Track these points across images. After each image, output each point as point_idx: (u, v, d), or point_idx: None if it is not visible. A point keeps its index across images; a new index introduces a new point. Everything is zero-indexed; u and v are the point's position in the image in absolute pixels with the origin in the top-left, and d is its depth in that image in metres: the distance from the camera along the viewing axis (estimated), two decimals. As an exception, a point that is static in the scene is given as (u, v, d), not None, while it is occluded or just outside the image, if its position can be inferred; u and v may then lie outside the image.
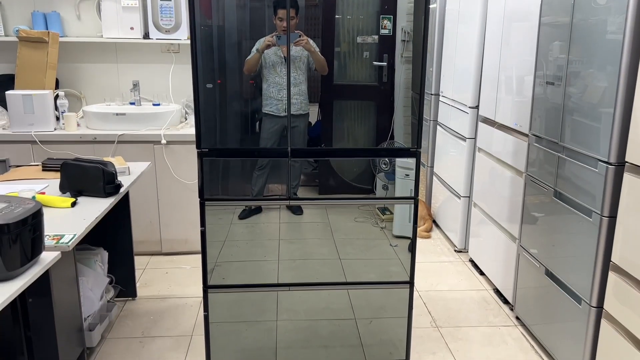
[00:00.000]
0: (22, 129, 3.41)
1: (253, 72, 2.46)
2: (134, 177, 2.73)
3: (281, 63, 2.48)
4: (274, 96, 2.50)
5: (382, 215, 3.05)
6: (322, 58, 2.50)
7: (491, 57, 3.25)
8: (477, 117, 3.48)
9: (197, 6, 2.11)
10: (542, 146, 2.60)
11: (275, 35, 2.38)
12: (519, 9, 2.90)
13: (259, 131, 2.47)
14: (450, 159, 3.98)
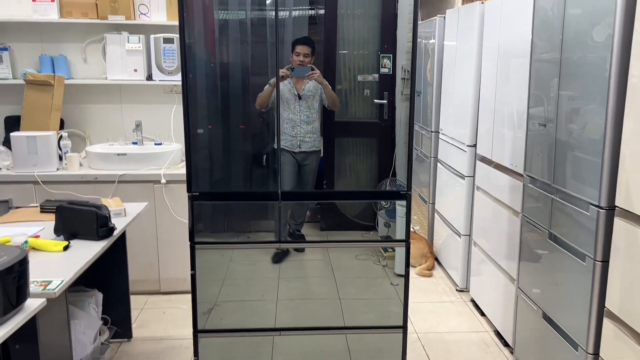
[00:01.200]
0: (25, 169, 3.47)
1: (265, 107, 2.51)
2: (129, 218, 2.75)
3: (295, 100, 2.54)
4: (287, 132, 2.54)
5: (385, 253, 3.03)
6: (333, 93, 2.57)
7: (487, 95, 3.27)
8: (475, 155, 3.48)
9: (189, 52, 2.17)
10: (536, 187, 2.59)
11: (289, 67, 2.45)
12: (512, 47, 2.93)
13: (265, 164, 2.50)
14: (450, 196, 3.97)
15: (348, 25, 2.89)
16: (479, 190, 3.42)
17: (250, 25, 2.60)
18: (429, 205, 4.50)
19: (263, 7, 2.47)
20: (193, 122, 2.18)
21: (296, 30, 2.77)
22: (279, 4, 2.50)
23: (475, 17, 3.36)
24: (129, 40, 3.81)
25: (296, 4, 2.76)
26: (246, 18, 2.57)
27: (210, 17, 2.48)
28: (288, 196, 2.36)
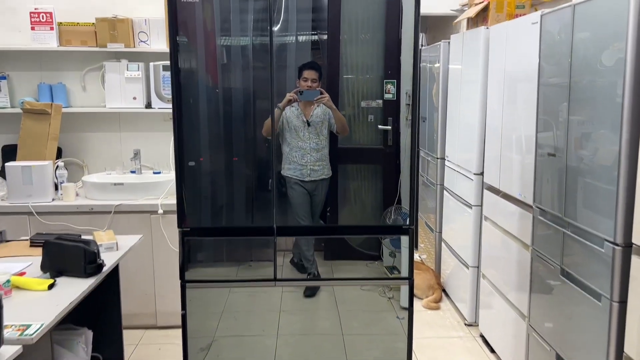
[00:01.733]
0: (19, 200, 3.39)
1: (270, 133, 2.44)
2: (122, 252, 2.65)
3: (303, 127, 2.47)
4: (297, 161, 2.46)
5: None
6: (342, 117, 2.50)
7: (493, 121, 3.16)
8: (482, 184, 3.36)
9: (182, 80, 2.09)
10: (546, 220, 2.45)
11: (297, 91, 2.38)
12: (518, 71, 2.83)
13: (270, 189, 2.40)
14: (457, 225, 3.84)
15: (351, 51, 2.81)
16: (487, 220, 3.28)
17: (247, 51, 2.53)
18: (435, 234, 4.36)
19: (259, 32, 2.40)
20: (185, 153, 2.09)
21: (299, 55, 2.70)
22: (282, 29, 2.43)
23: (480, 42, 3.27)
24: (128, 68, 3.76)
25: (299, 29, 2.69)
26: (243, 44, 2.50)
27: (206, 44, 2.41)
28: (283, 231, 2.25)
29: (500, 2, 3.28)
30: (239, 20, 2.49)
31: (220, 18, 2.46)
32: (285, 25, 2.63)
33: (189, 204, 2.10)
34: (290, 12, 2.60)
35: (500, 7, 3.28)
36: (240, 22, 2.50)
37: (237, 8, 2.48)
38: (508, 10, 3.28)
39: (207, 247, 2.62)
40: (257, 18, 2.43)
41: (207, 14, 2.30)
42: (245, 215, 2.35)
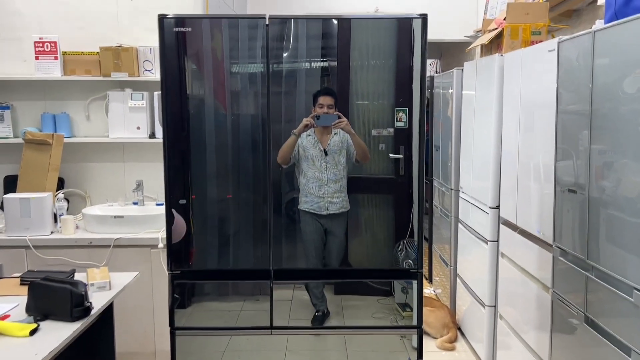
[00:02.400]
0: (17, 233, 3.29)
1: (287, 161, 2.31)
2: (115, 291, 2.52)
3: (321, 156, 2.34)
4: (314, 193, 2.31)
5: (403, 313, 2.73)
6: (363, 143, 2.36)
7: (509, 150, 2.99)
8: (499, 218, 3.17)
9: (167, 118, 1.98)
10: (568, 261, 2.27)
11: (314, 116, 2.25)
12: (535, 99, 2.67)
13: (259, 236, 2.25)
14: (472, 261, 3.64)
15: (361, 78, 2.70)
16: (504, 257, 3.09)
17: (246, 80, 2.42)
18: (450, 268, 4.16)
19: (255, 60, 2.29)
20: (175, 190, 1.96)
21: (309, 82, 2.60)
22: (291, 56, 2.33)
23: (495, 70, 3.13)
24: (132, 97, 3.68)
25: (308, 55, 2.60)
26: (237, 71, 2.39)
27: (206, 71, 2.29)
28: (281, 274, 2.09)
29: (515, 28, 3.14)
30: (236, 48, 2.38)
31: (219, 46, 2.36)
32: (294, 52, 2.54)
33: (180, 245, 1.96)
34: (299, 39, 2.51)
35: (515, 34, 3.15)
36: (233, 50, 2.39)
37: (235, 36, 2.37)
38: (523, 37, 3.14)
39: (200, 290, 2.47)
40: (252, 46, 2.33)
41: (201, 43, 2.20)
42: (240, 257, 2.20)
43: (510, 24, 3.14)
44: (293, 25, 2.29)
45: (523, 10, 3.15)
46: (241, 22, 2.23)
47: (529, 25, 3.13)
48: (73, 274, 2.64)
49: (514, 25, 3.14)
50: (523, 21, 3.14)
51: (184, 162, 2.07)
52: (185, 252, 2.04)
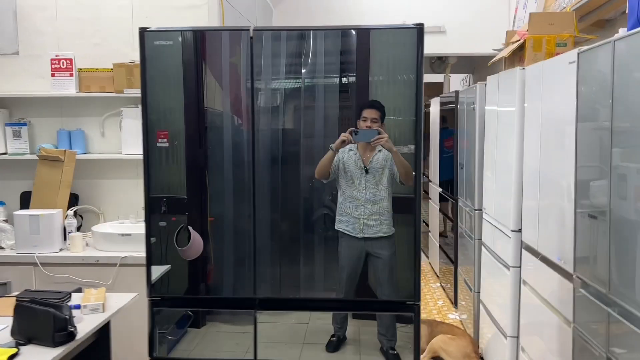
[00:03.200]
0: (26, 250, 3.28)
1: (325, 176, 2.16)
2: (108, 313, 2.44)
3: (361, 174, 2.17)
4: (350, 213, 2.15)
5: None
6: (405, 162, 2.16)
7: (531, 172, 2.78)
8: (521, 243, 2.95)
9: (147, 133, 1.89)
10: (589, 294, 2.04)
11: (352, 130, 2.09)
12: (555, 115, 2.46)
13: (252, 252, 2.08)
14: (495, 287, 3.41)
15: (382, 93, 2.57)
16: (526, 285, 2.86)
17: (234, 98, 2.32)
18: (473, 293, 3.93)
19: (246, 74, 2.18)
20: (157, 211, 1.87)
21: (327, 97, 2.50)
22: (310, 71, 2.21)
23: (516, 84, 2.93)
24: (145, 113, 3.64)
25: (326, 71, 2.49)
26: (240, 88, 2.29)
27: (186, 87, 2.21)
28: (267, 304, 1.95)
29: (537, 40, 2.94)
30: (217, 62, 2.29)
31: (238, 60, 2.27)
32: (313, 67, 2.44)
33: (160, 269, 1.86)
34: (318, 55, 2.40)
35: (538, 46, 2.95)
36: (211, 65, 2.30)
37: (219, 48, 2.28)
38: (547, 49, 2.94)
39: (183, 318, 2.34)
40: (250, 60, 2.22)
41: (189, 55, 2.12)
42: (226, 284, 2.07)
43: (532, 35, 2.95)
44: (296, 37, 2.18)
45: (547, 21, 2.95)
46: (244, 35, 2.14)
47: (553, 37, 2.92)
48: (69, 296, 2.58)
49: (537, 37, 2.95)
50: (547, 32, 2.94)
51: (165, 181, 1.99)
52: (167, 278, 1.93)
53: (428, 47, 6.35)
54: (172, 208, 2.51)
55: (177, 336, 2.42)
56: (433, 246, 6.01)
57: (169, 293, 1.88)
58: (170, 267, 1.99)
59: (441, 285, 5.50)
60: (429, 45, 6.29)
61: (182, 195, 2.54)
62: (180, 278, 2.07)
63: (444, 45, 6.06)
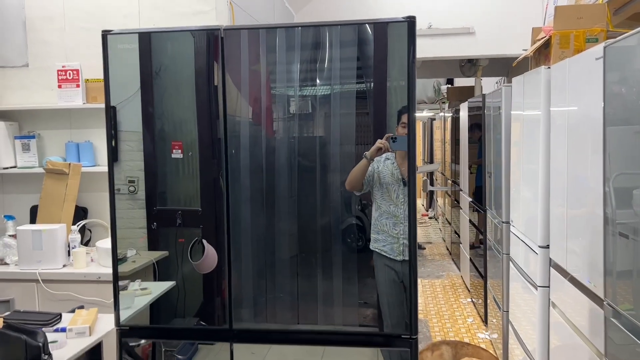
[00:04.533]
0: (29, 266, 3.19)
1: (357, 188, 1.90)
2: (95, 337, 2.29)
3: (399, 186, 1.88)
4: (388, 231, 1.88)
5: None
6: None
7: (558, 181, 2.50)
8: (549, 260, 2.66)
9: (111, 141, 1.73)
10: (621, 325, 1.76)
11: (390, 137, 1.84)
12: (582, 118, 2.18)
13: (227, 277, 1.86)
14: (523, 307, 3.11)
15: (397, 100, 2.36)
16: (555, 308, 2.57)
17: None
18: (502, 312, 3.63)
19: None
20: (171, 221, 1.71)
21: (343, 104, 2.31)
22: (324, 79, 2.02)
23: (541, 85, 2.65)
24: (152, 124, 3.53)
25: (342, 78, 2.30)
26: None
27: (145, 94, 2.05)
28: (244, 336, 1.75)
29: (564, 36, 2.66)
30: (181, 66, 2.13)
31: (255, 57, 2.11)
32: (328, 74, 2.26)
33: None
34: (334, 61, 2.22)
35: (566, 42, 2.66)
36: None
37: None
38: (576, 46, 2.65)
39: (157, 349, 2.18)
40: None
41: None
42: (201, 313, 1.89)
43: (559, 31, 2.67)
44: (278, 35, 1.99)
45: (575, 14, 2.67)
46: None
47: (582, 32, 2.64)
48: (59, 317, 2.46)
49: (564, 32, 2.67)
50: (575, 27, 2.66)
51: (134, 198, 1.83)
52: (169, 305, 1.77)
53: (456, 49, 6.06)
54: (187, 221, 2.38)
55: (186, 354, 2.27)
56: (464, 258, 5.70)
57: (137, 322, 1.71)
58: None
59: (472, 301, 5.19)
60: (457, 47, 6.01)
61: (196, 208, 2.45)
62: (153, 306, 1.91)
63: (473, 47, 5.78)
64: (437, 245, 7.83)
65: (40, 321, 2.38)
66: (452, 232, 6.82)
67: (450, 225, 7.07)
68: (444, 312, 4.93)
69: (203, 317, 1.86)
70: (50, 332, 2.33)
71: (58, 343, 2.17)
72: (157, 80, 2.81)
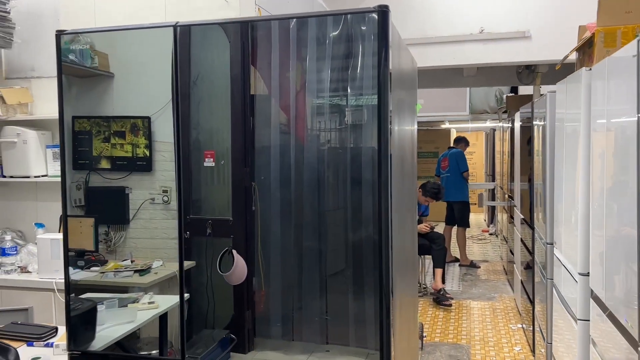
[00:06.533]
0: (48, 275, 3.19)
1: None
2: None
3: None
4: None
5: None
6: None
7: (598, 199, 2.16)
8: (590, 290, 2.31)
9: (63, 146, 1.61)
10: (656, 379, 1.44)
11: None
12: (620, 125, 1.85)
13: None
14: (565, 341, 2.75)
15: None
16: (596, 347, 2.22)
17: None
18: (546, 344, 3.25)
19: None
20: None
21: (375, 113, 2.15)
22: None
23: (581, 88, 2.33)
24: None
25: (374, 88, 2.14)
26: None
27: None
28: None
29: (610, 33, 2.33)
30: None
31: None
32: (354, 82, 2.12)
33: (83, 316, 1.57)
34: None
35: (612, 40, 2.33)
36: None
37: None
38: (624, 44, 2.31)
39: (225, 341, 2.12)
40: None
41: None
42: (156, 334, 1.74)
43: (603, 27, 2.34)
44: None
45: (622, 8, 2.33)
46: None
47: (631, 27, 2.29)
48: (55, 331, 2.39)
49: (610, 29, 2.33)
50: (623, 22, 2.32)
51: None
52: (90, 329, 1.63)
53: (511, 54, 5.63)
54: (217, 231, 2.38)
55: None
56: (517, 280, 5.27)
57: (90, 347, 1.57)
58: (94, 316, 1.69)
59: (522, 327, 4.76)
60: (512, 52, 5.60)
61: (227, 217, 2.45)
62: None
63: (529, 52, 5.37)
64: (493, 264, 7.36)
65: (33, 334, 2.32)
66: (507, 251, 6.37)
67: (506, 243, 6.62)
68: (489, 338, 4.54)
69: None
70: (41, 346, 2.27)
71: (42, 359, 2.08)
72: (194, 89, 2.75)
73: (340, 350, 2.20)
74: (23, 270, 3.33)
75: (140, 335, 2.58)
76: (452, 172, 7.22)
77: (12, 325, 2.44)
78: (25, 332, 2.32)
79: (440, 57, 5.32)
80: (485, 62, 5.42)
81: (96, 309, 2.05)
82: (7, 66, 3.86)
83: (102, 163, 2.80)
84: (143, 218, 2.80)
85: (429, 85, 7.05)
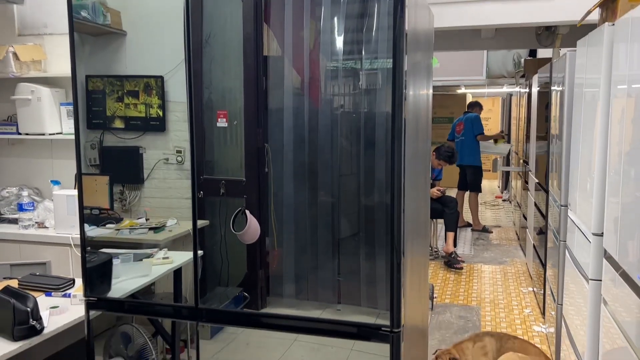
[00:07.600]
0: (64, 230, 3.25)
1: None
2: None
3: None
4: None
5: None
6: None
7: (615, 160, 2.12)
8: (603, 250, 2.30)
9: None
10: (667, 335, 1.43)
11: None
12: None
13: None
14: (575, 302, 2.76)
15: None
16: (607, 306, 2.22)
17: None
18: (556, 305, 3.27)
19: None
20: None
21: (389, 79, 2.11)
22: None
23: (603, 45, 2.26)
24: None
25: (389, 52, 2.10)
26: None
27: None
28: (211, 315, 1.60)
29: (636, -15, 2.24)
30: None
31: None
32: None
33: (98, 267, 1.60)
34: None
35: (637, -6, 2.24)
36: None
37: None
38: (649, -3, 2.22)
39: (238, 299, 2.17)
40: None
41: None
42: (171, 290, 1.77)
43: (628, -20, 2.25)
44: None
45: (650, -40, 2.23)
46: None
47: (658, -20, 2.20)
48: (72, 283, 2.44)
49: (635, -18, 2.24)
50: (650, -26, 2.22)
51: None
52: (106, 277, 1.66)
53: (531, 15, 5.47)
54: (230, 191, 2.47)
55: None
56: (529, 244, 5.26)
57: (105, 293, 1.61)
58: (109, 265, 1.72)
59: (533, 290, 4.78)
60: (532, 12, 5.45)
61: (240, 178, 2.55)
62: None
63: (551, 12, 5.21)
64: (505, 230, 7.35)
65: (51, 285, 2.38)
66: (520, 216, 6.34)
67: (520, 209, 6.59)
68: (499, 300, 4.57)
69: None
70: (59, 296, 2.32)
71: (59, 308, 2.14)
72: (206, 48, 2.73)
73: (352, 309, 2.23)
74: (40, 226, 3.39)
75: (155, 290, 2.63)
76: (466, 135, 7.15)
77: (30, 276, 2.50)
78: (43, 283, 2.38)
79: (459, 17, 5.18)
80: (505, 23, 5.28)
81: (112, 262, 2.08)
82: (20, 23, 3.84)
83: (116, 123, 2.80)
84: (157, 178, 2.82)
85: (445, 48, 6.90)
